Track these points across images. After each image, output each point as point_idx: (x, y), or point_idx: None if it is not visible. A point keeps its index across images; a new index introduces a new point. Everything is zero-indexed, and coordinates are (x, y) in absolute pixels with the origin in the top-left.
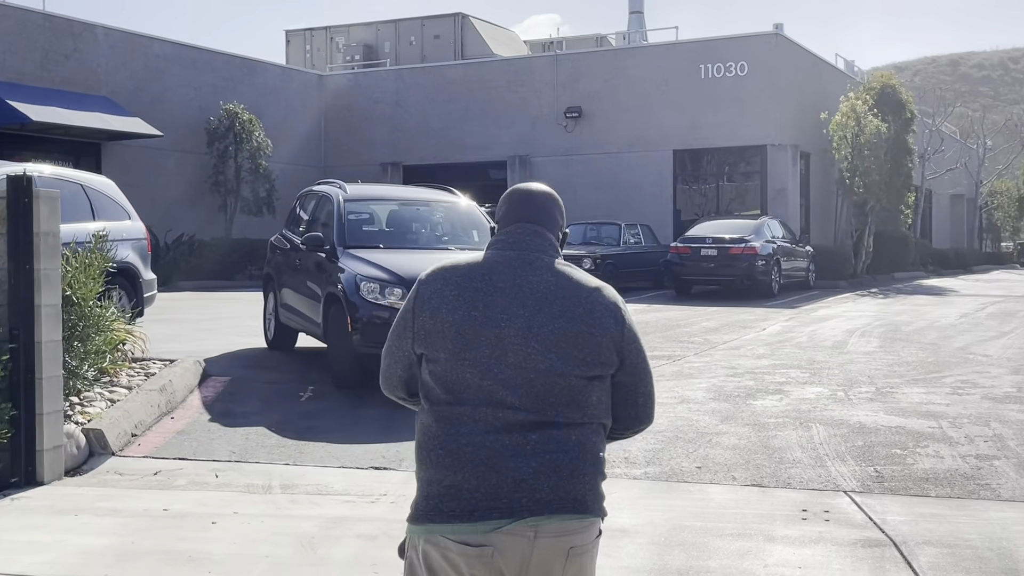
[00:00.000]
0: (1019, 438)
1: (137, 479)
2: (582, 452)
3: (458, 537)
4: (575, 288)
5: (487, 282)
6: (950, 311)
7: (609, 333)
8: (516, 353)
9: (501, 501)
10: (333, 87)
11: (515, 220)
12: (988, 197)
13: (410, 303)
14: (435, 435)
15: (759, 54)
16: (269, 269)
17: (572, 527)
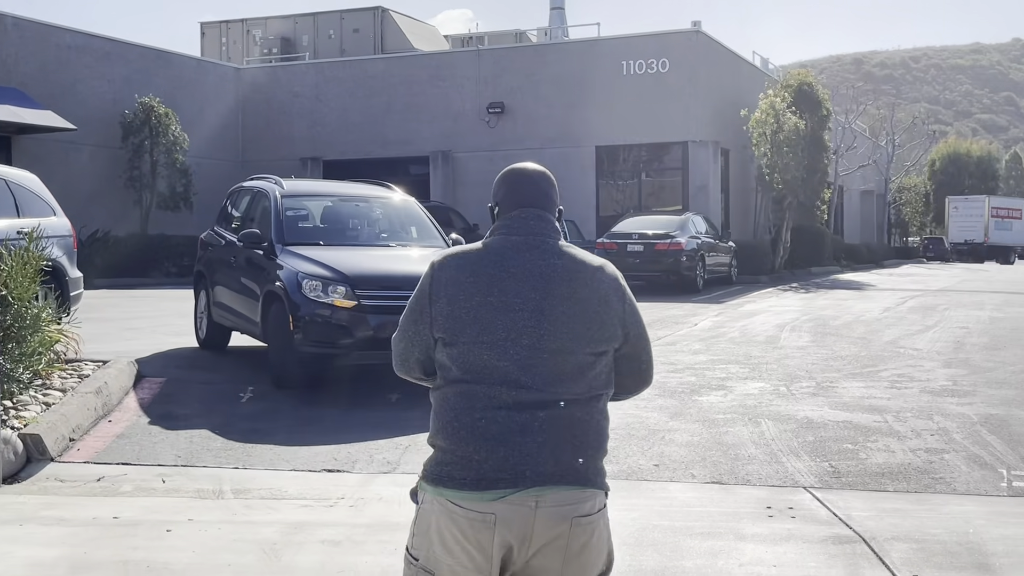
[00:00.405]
0: (963, 431)
1: (80, 486)
2: (586, 428)
3: (465, 503)
4: (580, 270)
5: (499, 268)
6: (872, 305)
7: (614, 311)
8: (530, 335)
9: (507, 472)
10: (251, 80)
11: (518, 205)
12: (897, 193)
13: (426, 289)
14: (452, 409)
15: (680, 51)
16: (200, 267)
17: (573, 497)
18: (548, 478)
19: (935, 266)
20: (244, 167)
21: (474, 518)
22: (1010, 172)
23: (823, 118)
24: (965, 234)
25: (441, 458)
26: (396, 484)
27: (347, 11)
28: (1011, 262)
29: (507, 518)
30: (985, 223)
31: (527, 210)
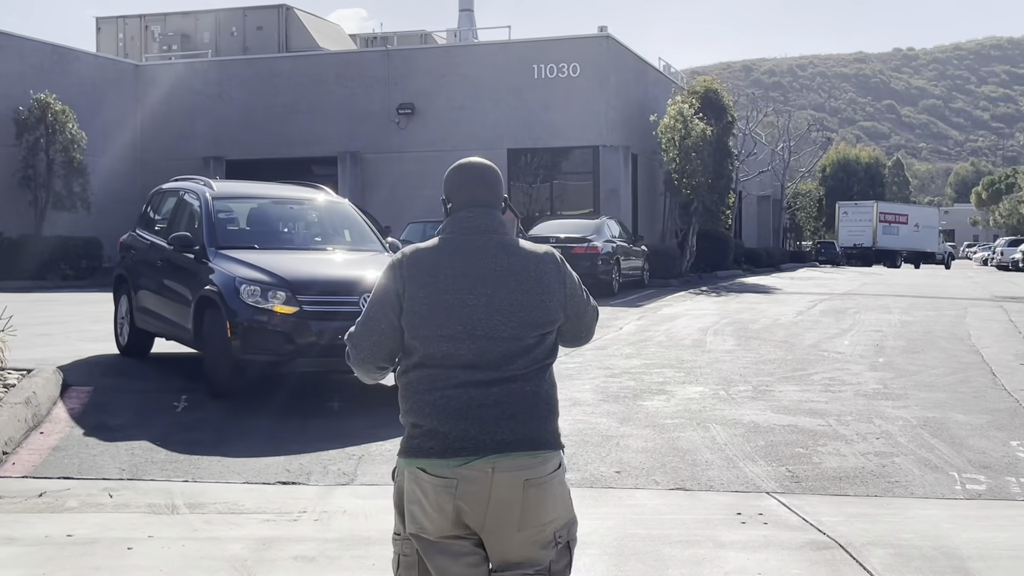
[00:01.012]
0: (906, 435)
1: (21, 502)
2: (535, 399)
3: (432, 470)
4: (525, 263)
5: (454, 267)
6: (785, 309)
7: (555, 297)
8: (483, 327)
9: (469, 442)
10: (150, 78)
11: (470, 204)
12: (792, 199)
13: (390, 285)
14: (418, 390)
15: (590, 56)
16: (122, 270)
17: (525, 463)
18: (505, 446)
19: (829, 270)
20: (143, 167)
21: (437, 483)
22: (893, 178)
23: (728, 124)
24: (855, 238)
25: (411, 433)
26: (357, 496)
27: (250, 8)
28: (898, 265)
29: (466, 482)
30: (874, 228)
31: (475, 209)
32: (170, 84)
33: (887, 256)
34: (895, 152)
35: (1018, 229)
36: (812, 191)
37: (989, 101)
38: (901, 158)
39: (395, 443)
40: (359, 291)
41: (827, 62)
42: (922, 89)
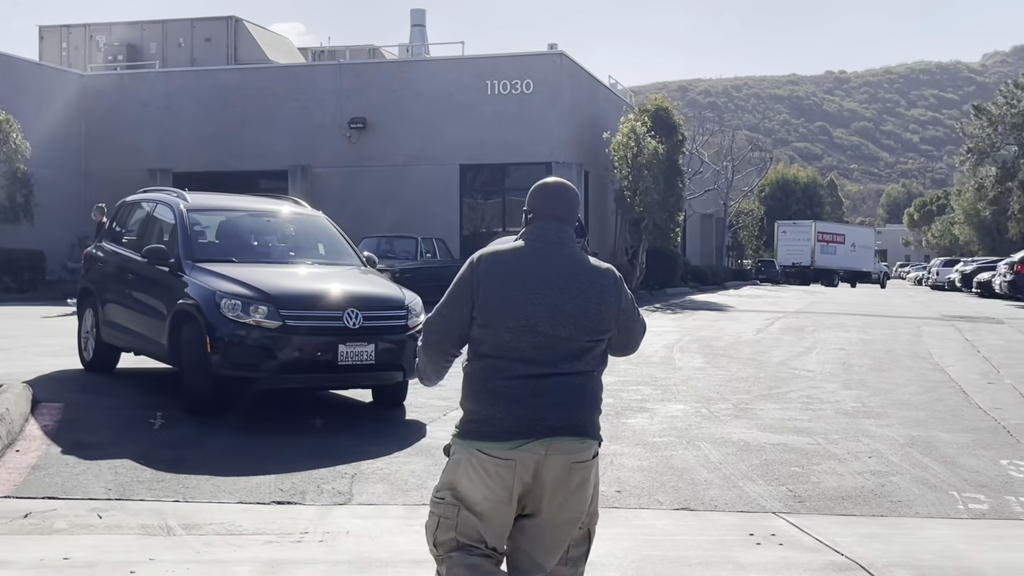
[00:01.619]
0: (896, 453)
1: (6, 523)
2: (583, 393)
3: (491, 451)
4: (589, 275)
5: (525, 270)
6: (743, 327)
7: (611, 309)
8: (544, 324)
9: (523, 427)
10: (96, 88)
11: (546, 217)
12: (734, 217)
13: (467, 279)
14: (480, 379)
15: (543, 73)
16: (87, 283)
17: (573, 447)
18: (553, 431)
19: (771, 288)
20: (87, 178)
21: (498, 463)
22: (827, 198)
23: (678, 143)
24: (793, 257)
25: (470, 417)
26: (357, 516)
27: (199, 19)
28: (835, 284)
29: (522, 462)
30: (812, 247)
31: (552, 222)
32: (116, 95)
33: (824, 275)
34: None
35: (950, 250)
36: (754, 210)
37: (918, 124)
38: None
39: (386, 462)
40: (342, 306)
41: (761, 83)
42: (853, 111)
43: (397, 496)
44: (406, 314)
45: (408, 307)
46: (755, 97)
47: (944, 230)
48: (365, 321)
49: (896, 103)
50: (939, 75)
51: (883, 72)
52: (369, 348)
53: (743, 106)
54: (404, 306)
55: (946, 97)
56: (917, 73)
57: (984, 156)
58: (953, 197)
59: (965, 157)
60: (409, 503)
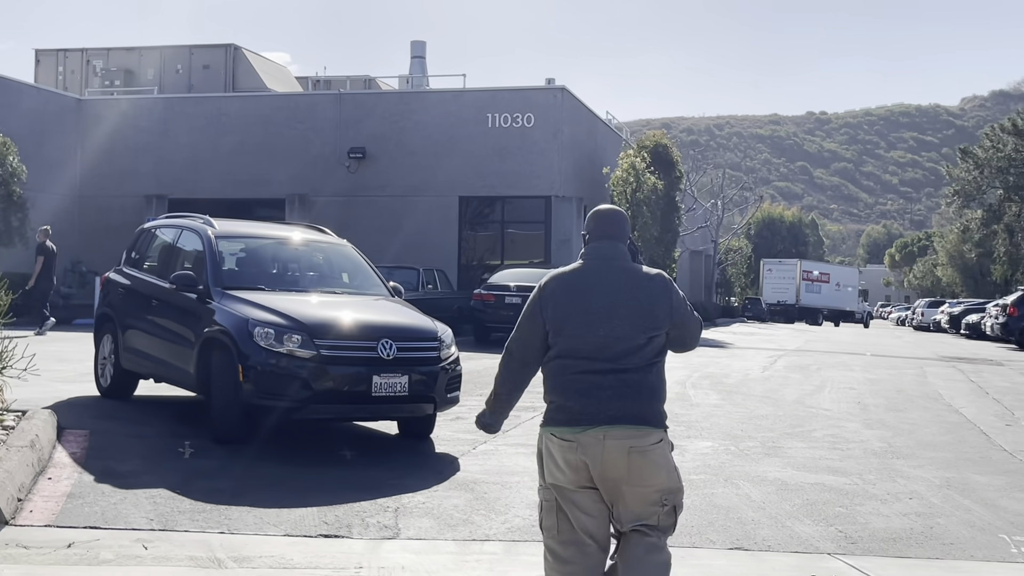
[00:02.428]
0: (936, 495)
1: (50, 553)
2: (641, 386)
3: (560, 435)
4: (640, 280)
5: (585, 283)
6: (749, 364)
7: (662, 307)
8: (604, 328)
9: (586, 415)
10: (93, 112)
11: (600, 237)
12: (724, 254)
13: (537, 299)
14: (554, 375)
15: (544, 107)
16: (106, 309)
17: (630, 433)
18: (614, 419)
19: (760, 326)
20: (82, 203)
21: (564, 445)
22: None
23: (676, 179)
24: (778, 295)
25: (548, 407)
26: (409, 551)
27: (197, 46)
28: (819, 323)
29: (584, 445)
30: (797, 285)
31: (604, 241)
32: (114, 120)
33: (809, 314)
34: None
35: (932, 291)
36: (742, 248)
37: (898, 166)
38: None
39: (427, 495)
40: (376, 336)
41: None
42: (834, 152)
43: (445, 531)
44: (438, 346)
45: (440, 339)
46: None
47: (926, 271)
48: (399, 352)
49: (876, 144)
50: (918, 118)
51: (863, 114)
52: (403, 380)
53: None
54: (437, 338)
55: (925, 140)
56: (897, 115)
57: (970, 199)
58: (936, 239)
59: (951, 199)
60: (458, 538)
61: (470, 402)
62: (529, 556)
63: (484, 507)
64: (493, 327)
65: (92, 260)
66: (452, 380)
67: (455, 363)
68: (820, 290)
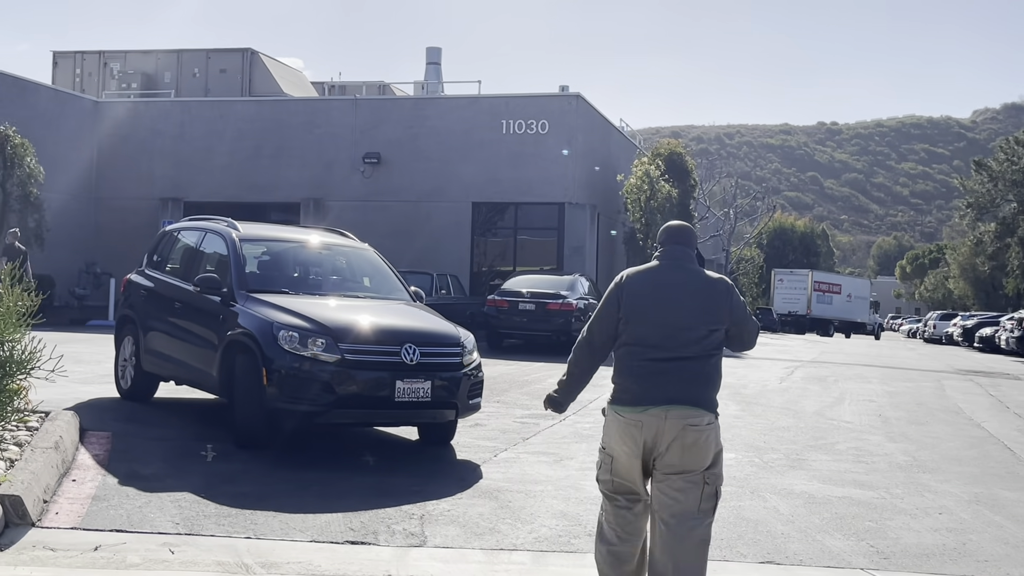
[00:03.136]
0: (965, 510)
1: (77, 556)
2: (698, 374)
3: (624, 413)
4: (704, 282)
5: (657, 280)
6: (765, 375)
7: (723, 306)
8: (671, 319)
9: (648, 396)
10: (111, 115)
11: (669, 243)
12: (735, 264)
13: (615, 291)
14: (622, 360)
15: (559, 114)
16: (127, 311)
17: (687, 413)
18: (673, 400)
19: (772, 336)
20: (97, 204)
21: (630, 422)
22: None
23: (690, 187)
24: (789, 306)
25: (616, 388)
26: (437, 560)
27: (214, 50)
28: (830, 334)
29: (648, 422)
30: (808, 296)
31: (675, 247)
32: (130, 122)
33: (820, 325)
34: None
35: (943, 304)
36: (754, 257)
37: (908, 178)
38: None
39: (451, 503)
40: (400, 341)
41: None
42: (844, 163)
43: (472, 540)
44: (461, 352)
45: (463, 345)
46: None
47: (938, 283)
48: (422, 358)
49: (887, 156)
50: (930, 130)
51: (875, 125)
52: (426, 385)
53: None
54: (460, 343)
55: (936, 152)
56: (908, 127)
57: (984, 212)
58: (948, 251)
59: (964, 212)
60: (486, 547)
61: (488, 408)
62: (558, 567)
63: (510, 516)
64: (506, 333)
65: (107, 262)
66: (474, 386)
67: (477, 369)
68: (831, 301)
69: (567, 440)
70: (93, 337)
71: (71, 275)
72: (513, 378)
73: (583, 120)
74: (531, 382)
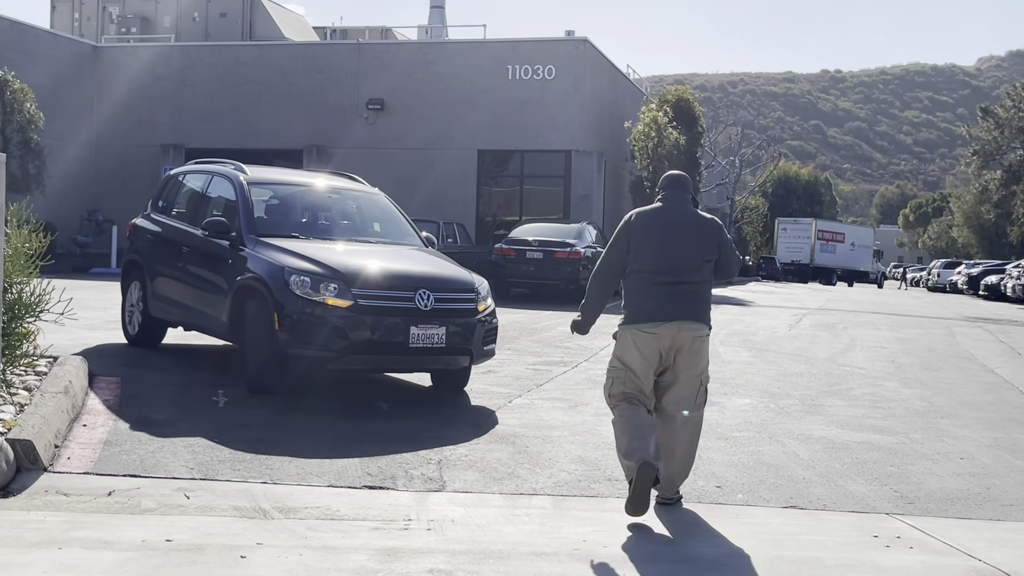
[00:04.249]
0: (986, 455)
1: (91, 500)
2: (698, 296)
3: (643, 329)
4: (700, 220)
5: (660, 218)
6: (774, 322)
7: (714, 240)
8: (673, 251)
9: (662, 314)
10: (110, 60)
11: (670, 188)
12: (740, 212)
13: (624, 229)
14: (635, 286)
15: (566, 60)
16: (134, 255)
17: (694, 327)
18: (681, 317)
19: (777, 285)
20: (98, 151)
21: (647, 336)
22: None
23: (698, 135)
24: (793, 255)
25: (632, 310)
26: (457, 504)
27: None
28: (833, 283)
29: (664, 334)
30: (812, 245)
31: (674, 191)
32: (130, 68)
33: (823, 273)
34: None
35: (946, 252)
36: (759, 206)
37: (912, 126)
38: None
39: (468, 448)
40: (413, 287)
41: (757, 80)
42: (848, 111)
43: (491, 484)
44: (475, 297)
45: (477, 290)
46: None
47: (941, 232)
48: (436, 303)
49: (891, 104)
50: (934, 77)
51: (878, 73)
52: (440, 331)
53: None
54: (474, 289)
55: (940, 100)
56: (912, 75)
57: (990, 159)
58: (952, 200)
59: (970, 160)
60: (506, 492)
61: (500, 356)
62: (579, 511)
63: (528, 461)
64: (514, 282)
65: (108, 209)
66: (488, 332)
67: (491, 315)
68: (835, 250)
69: (581, 386)
70: (97, 284)
71: (73, 222)
72: (523, 326)
73: (590, 65)
74: (541, 330)
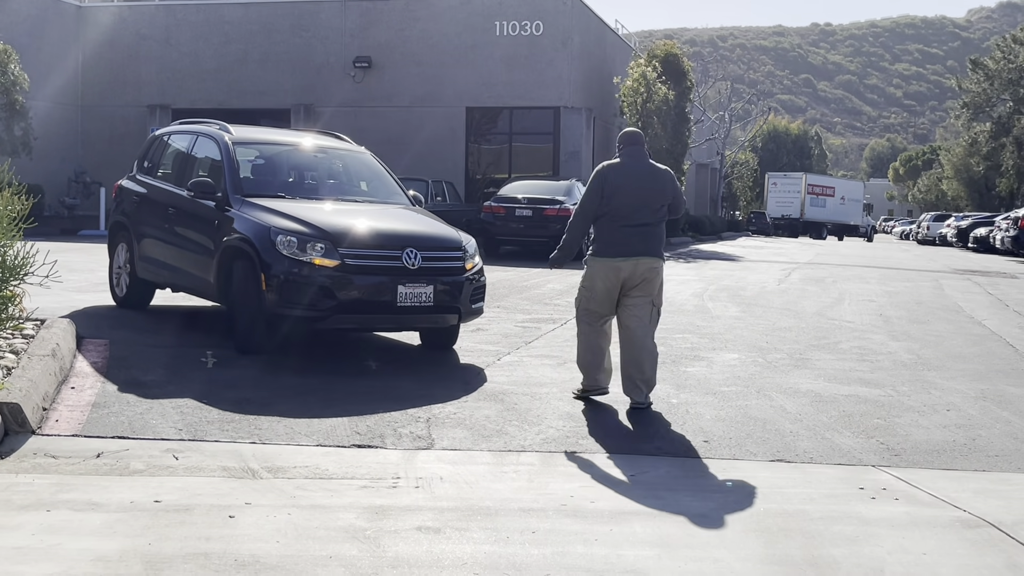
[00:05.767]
0: (972, 406)
1: (80, 463)
2: (655, 235)
3: (606, 263)
4: (656, 171)
5: (626, 171)
6: (763, 277)
7: (669, 189)
8: (636, 198)
9: (625, 249)
10: (94, 20)
11: (630, 144)
12: (730, 168)
13: (599, 179)
14: (604, 227)
15: (554, 15)
16: (120, 217)
17: (650, 261)
18: (639, 253)
19: (767, 240)
20: (83, 112)
21: (611, 266)
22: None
23: (686, 90)
24: (783, 209)
25: (600, 244)
26: (445, 462)
27: None
28: (823, 237)
29: (625, 266)
30: (802, 199)
31: (633, 147)
32: (114, 27)
33: (813, 228)
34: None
35: (936, 205)
36: (749, 161)
37: (902, 79)
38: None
39: (457, 406)
40: (400, 245)
41: (747, 34)
42: (838, 64)
43: (480, 442)
44: (463, 256)
45: (464, 248)
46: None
47: (931, 185)
48: (424, 262)
49: (880, 57)
50: (924, 30)
51: (868, 25)
52: (428, 289)
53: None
54: (461, 247)
55: (930, 52)
56: (902, 27)
57: (979, 111)
58: (942, 152)
59: (960, 112)
60: (494, 449)
61: (489, 314)
62: (567, 467)
63: (516, 418)
64: (503, 240)
65: (95, 171)
66: (476, 290)
67: (479, 273)
68: (825, 204)
69: (569, 343)
70: (85, 247)
71: (60, 184)
72: (512, 284)
73: (578, 21)
74: (530, 287)
